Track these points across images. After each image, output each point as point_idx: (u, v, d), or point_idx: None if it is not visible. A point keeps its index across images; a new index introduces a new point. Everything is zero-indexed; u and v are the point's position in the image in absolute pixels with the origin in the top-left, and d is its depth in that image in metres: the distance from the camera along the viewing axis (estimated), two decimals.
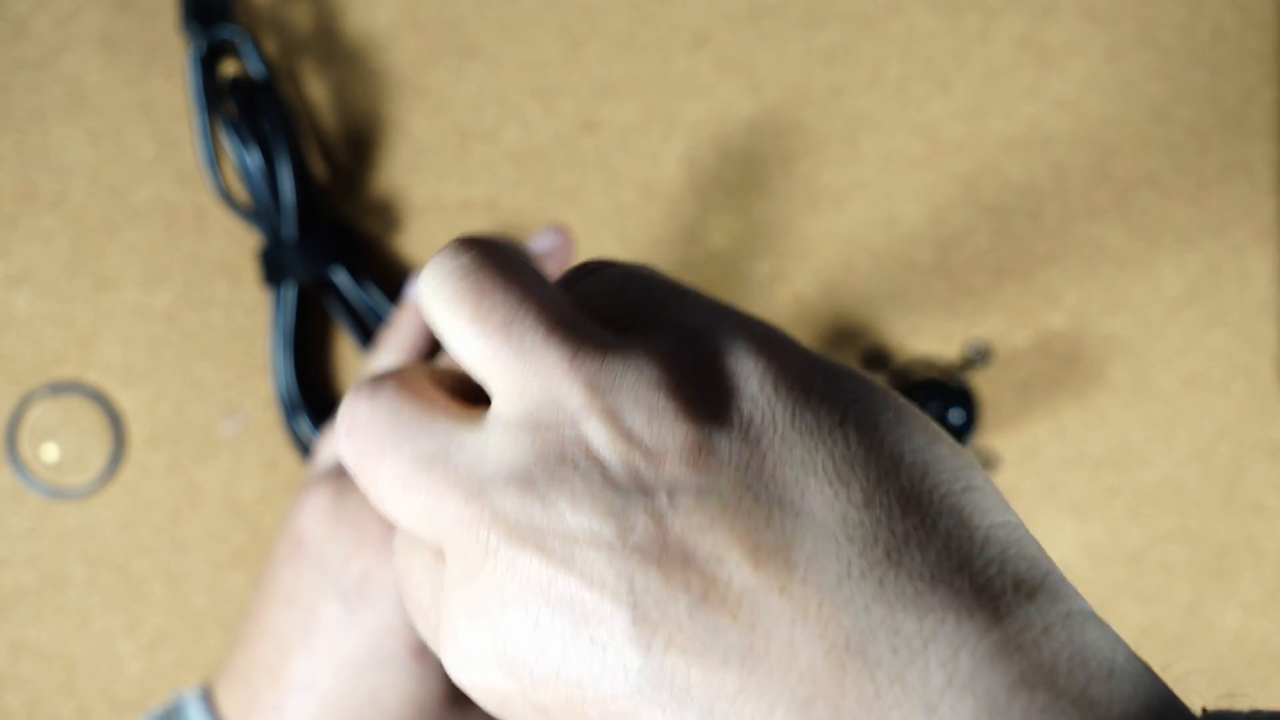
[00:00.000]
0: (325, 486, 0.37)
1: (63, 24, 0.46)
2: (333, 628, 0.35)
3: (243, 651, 0.37)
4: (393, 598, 0.35)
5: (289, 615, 0.36)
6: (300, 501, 0.38)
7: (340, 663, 0.35)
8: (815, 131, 0.47)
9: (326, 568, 0.36)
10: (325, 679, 0.35)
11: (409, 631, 0.35)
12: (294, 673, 0.35)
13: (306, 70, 0.47)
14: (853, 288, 0.46)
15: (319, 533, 0.36)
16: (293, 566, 0.36)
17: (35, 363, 0.46)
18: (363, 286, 0.44)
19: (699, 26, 0.47)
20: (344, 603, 0.35)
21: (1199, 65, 0.47)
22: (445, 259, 0.22)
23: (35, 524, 0.46)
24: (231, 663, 0.38)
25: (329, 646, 0.35)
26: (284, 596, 0.36)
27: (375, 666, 0.35)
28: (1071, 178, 0.47)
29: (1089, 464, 0.47)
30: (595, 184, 0.46)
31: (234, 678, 0.37)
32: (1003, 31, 0.47)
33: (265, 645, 0.36)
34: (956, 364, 0.46)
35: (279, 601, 0.36)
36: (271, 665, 0.36)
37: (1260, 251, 0.47)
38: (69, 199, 0.46)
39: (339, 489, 0.37)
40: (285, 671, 0.35)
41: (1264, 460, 0.47)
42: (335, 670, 0.35)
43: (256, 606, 0.37)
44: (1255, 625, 0.47)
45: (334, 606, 0.35)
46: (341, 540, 0.36)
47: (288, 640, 0.36)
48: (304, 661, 0.35)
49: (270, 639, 0.36)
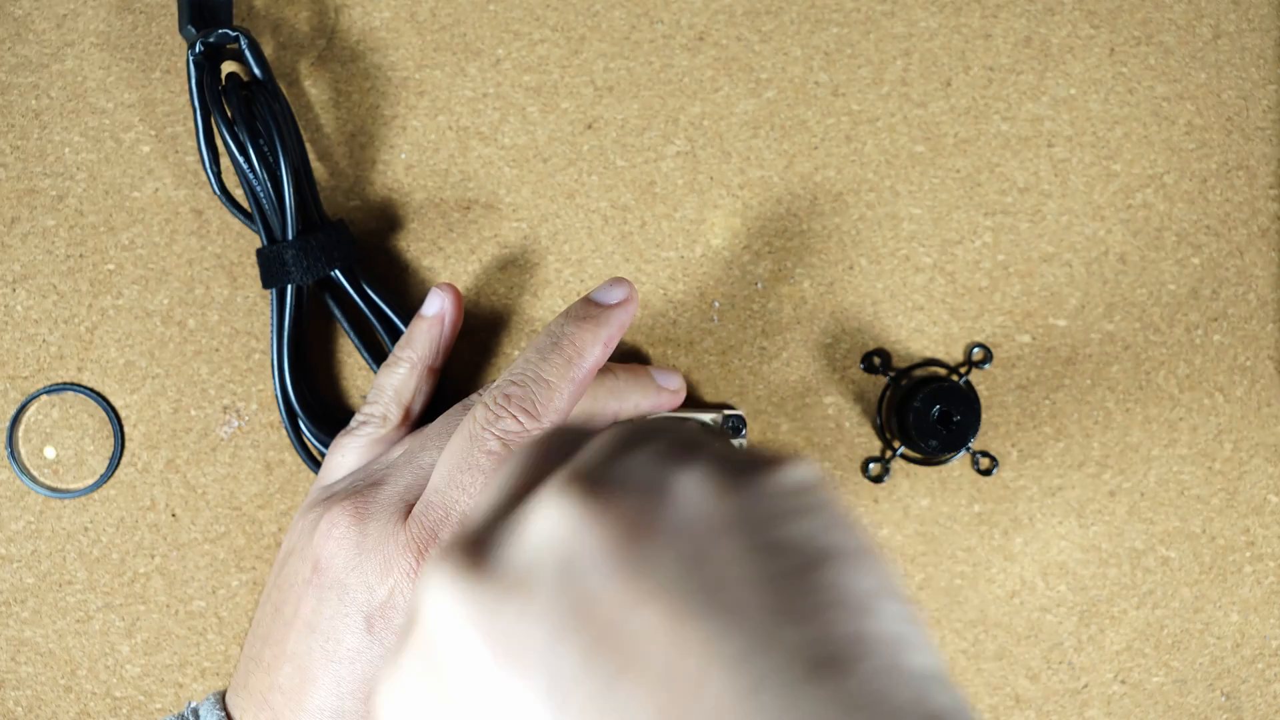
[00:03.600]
0: (344, 511, 0.37)
1: (63, 24, 0.46)
2: (356, 656, 0.35)
3: (260, 674, 0.37)
4: None
5: (310, 641, 0.36)
6: (317, 526, 0.37)
7: (365, 690, 0.35)
8: (815, 131, 0.47)
9: (350, 595, 0.35)
10: (352, 705, 0.35)
11: None
12: (319, 698, 0.35)
13: (306, 70, 0.47)
14: (853, 288, 0.46)
15: (341, 561, 0.36)
16: (314, 593, 0.36)
17: (35, 363, 0.46)
18: (362, 287, 0.44)
19: (699, 26, 0.47)
20: (369, 630, 0.35)
21: (1199, 65, 0.47)
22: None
23: (35, 524, 0.46)
24: (247, 683, 0.37)
25: (354, 674, 0.35)
26: (305, 623, 0.36)
27: None
28: (1072, 177, 0.47)
29: (1090, 465, 0.47)
30: (595, 184, 0.46)
31: (251, 697, 0.37)
32: (1004, 31, 0.47)
33: (287, 670, 0.36)
34: (958, 365, 0.46)
35: (299, 627, 0.36)
36: (294, 691, 0.36)
37: (1260, 251, 0.47)
38: (69, 199, 0.46)
39: (359, 514, 0.37)
40: (308, 698, 0.35)
41: (1264, 461, 0.47)
42: (364, 698, 0.35)
43: (274, 631, 0.37)
44: (1255, 625, 0.47)
45: (358, 636, 0.35)
46: (367, 570, 0.35)
47: (309, 666, 0.36)
48: (329, 688, 0.35)
49: (291, 664, 0.36)
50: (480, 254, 0.46)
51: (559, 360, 0.37)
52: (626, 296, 0.39)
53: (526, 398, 0.36)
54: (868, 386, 0.46)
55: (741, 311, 0.46)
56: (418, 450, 0.38)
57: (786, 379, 0.46)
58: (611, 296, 0.39)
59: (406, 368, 0.41)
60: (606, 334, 0.38)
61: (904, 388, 0.45)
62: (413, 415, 0.41)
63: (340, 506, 0.37)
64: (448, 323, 0.42)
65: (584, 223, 0.46)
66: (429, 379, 0.42)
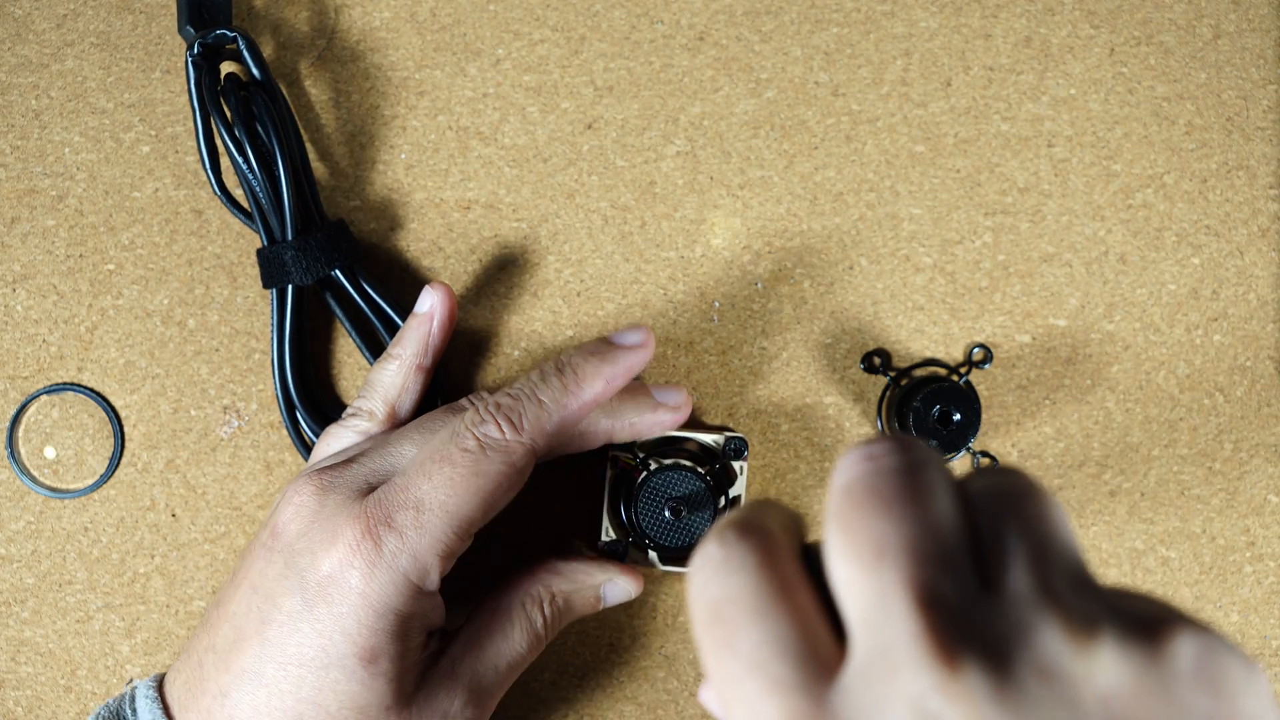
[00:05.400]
0: (310, 481, 0.37)
1: (63, 24, 0.46)
2: (288, 621, 0.35)
3: (203, 634, 0.37)
4: (354, 601, 0.35)
5: (251, 601, 0.36)
6: (285, 493, 0.38)
7: (289, 657, 0.35)
8: (815, 131, 0.47)
9: (295, 560, 0.36)
10: (272, 670, 0.35)
11: (364, 636, 0.35)
12: (244, 660, 0.36)
13: (306, 70, 0.47)
14: (853, 288, 0.46)
15: (294, 526, 0.37)
16: (263, 555, 0.37)
17: (35, 363, 0.46)
18: (363, 286, 0.44)
19: (699, 26, 0.47)
20: (304, 597, 0.35)
21: (1199, 65, 0.47)
22: (864, 457, 0.22)
23: (35, 524, 0.46)
24: (190, 645, 0.38)
25: (281, 639, 0.35)
26: (249, 583, 0.37)
27: (323, 667, 0.35)
28: (1072, 178, 0.47)
29: (1090, 465, 0.47)
30: (595, 184, 0.46)
31: (190, 658, 0.37)
32: (1004, 31, 0.47)
33: (224, 629, 0.37)
34: (958, 365, 0.46)
35: (244, 588, 0.37)
36: (225, 650, 0.36)
37: (1260, 251, 0.47)
38: (69, 199, 0.46)
39: (322, 485, 0.37)
40: (236, 657, 0.36)
41: (1264, 461, 0.47)
42: (283, 664, 0.35)
43: (224, 593, 0.38)
44: (1255, 625, 0.47)
45: (294, 599, 0.35)
46: (315, 537, 0.36)
47: (244, 626, 0.36)
48: (256, 650, 0.35)
49: (230, 623, 0.36)
50: (480, 254, 0.46)
51: (558, 385, 0.38)
52: (642, 342, 0.40)
53: (515, 410, 0.37)
54: (868, 386, 0.46)
55: (741, 311, 0.46)
56: (393, 440, 0.39)
57: (786, 379, 0.46)
58: (627, 339, 0.40)
59: (395, 364, 0.42)
60: (611, 372, 0.39)
61: (904, 388, 0.45)
62: (400, 411, 0.42)
63: (306, 478, 0.38)
64: (437, 321, 0.42)
65: (584, 223, 0.46)
66: (418, 376, 0.42)
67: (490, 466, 0.36)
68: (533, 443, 0.37)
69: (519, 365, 0.46)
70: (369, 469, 0.38)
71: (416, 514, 0.36)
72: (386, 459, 0.38)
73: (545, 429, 0.38)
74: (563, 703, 0.46)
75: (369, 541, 0.35)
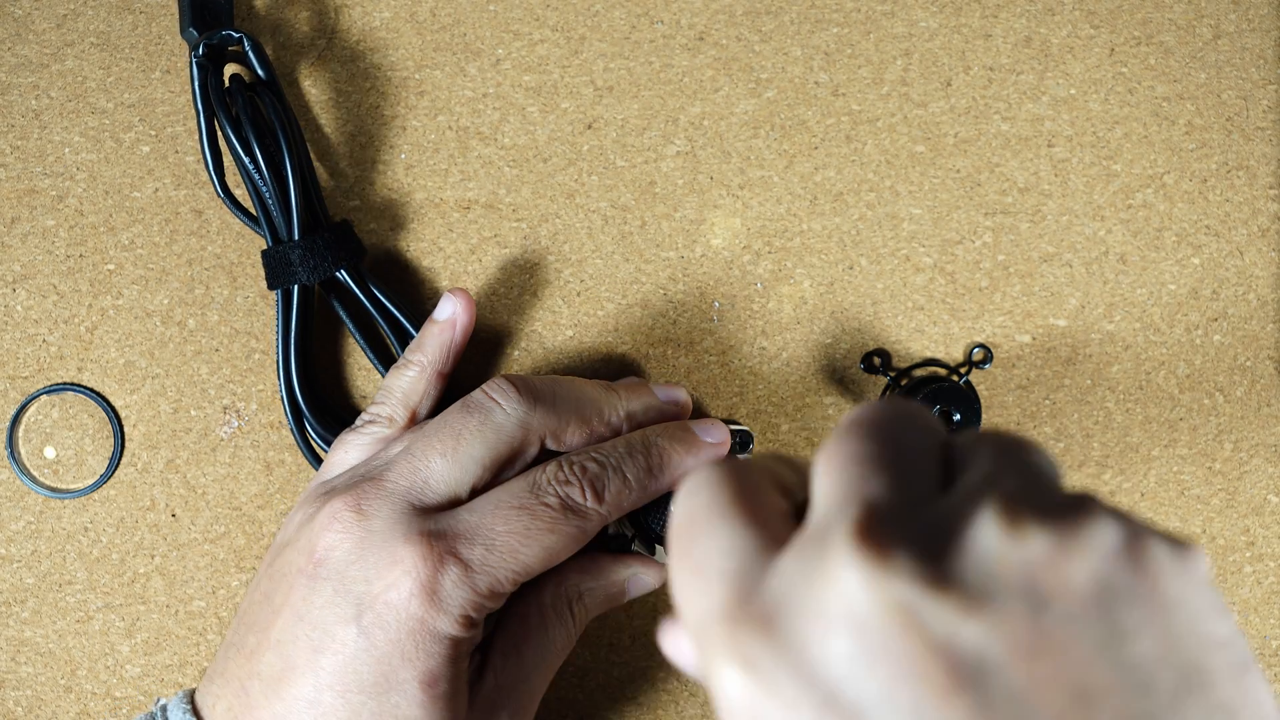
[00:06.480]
0: (346, 505, 0.37)
1: (63, 24, 0.46)
2: (343, 649, 0.35)
3: (240, 660, 0.37)
4: (412, 626, 0.35)
5: (297, 630, 0.36)
6: (315, 517, 0.37)
7: (348, 685, 0.35)
8: (815, 131, 0.47)
9: (349, 588, 0.35)
10: (330, 699, 0.35)
11: (423, 660, 0.35)
12: (299, 689, 0.35)
13: (307, 71, 0.47)
14: (853, 288, 0.46)
15: (342, 553, 0.36)
16: (307, 582, 0.36)
17: (35, 363, 0.46)
18: (368, 286, 0.44)
19: (699, 26, 0.47)
20: (359, 625, 0.35)
21: (1199, 65, 0.47)
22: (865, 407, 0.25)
23: (35, 524, 0.46)
24: (225, 669, 0.37)
25: (338, 667, 0.35)
26: (294, 611, 0.36)
27: (383, 692, 0.35)
28: (1072, 178, 0.47)
29: (1090, 465, 0.47)
30: (595, 184, 0.46)
31: (228, 683, 0.37)
32: (1004, 31, 0.47)
33: (269, 656, 0.36)
34: (958, 365, 0.46)
35: (287, 615, 0.36)
36: (274, 678, 0.36)
37: (1260, 251, 0.47)
38: (69, 199, 0.46)
39: (361, 507, 0.37)
40: (289, 686, 0.35)
41: (1264, 461, 0.47)
42: (341, 691, 0.35)
43: (261, 618, 0.37)
44: (1255, 625, 0.47)
45: (349, 628, 0.35)
46: (369, 562, 0.35)
47: (293, 655, 0.35)
48: (310, 679, 0.35)
49: (275, 651, 0.36)
50: (480, 254, 0.46)
51: (644, 465, 0.39)
52: (723, 441, 0.41)
53: (601, 480, 0.38)
54: (868, 386, 0.46)
55: (741, 311, 0.46)
56: (417, 448, 0.38)
57: (786, 379, 0.46)
58: (711, 435, 0.41)
59: (416, 371, 0.42)
60: (692, 464, 0.40)
61: (904, 388, 0.45)
62: (419, 418, 0.41)
63: (342, 499, 0.37)
64: (459, 328, 0.42)
65: (584, 223, 0.46)
66: (438, 383, 0.42)
67: (566, 528, 0.37)
68: (609, 514, 0.38)
69: (519, 365, 0.46)
70: (405, 485, 0.37)
71: (486, 552, 0.36)
72: (417, 472, 0.38)
73: (623, 505, 0.39)
74: (563, 703, 0.46)
75: (429, 568, 0.35)
